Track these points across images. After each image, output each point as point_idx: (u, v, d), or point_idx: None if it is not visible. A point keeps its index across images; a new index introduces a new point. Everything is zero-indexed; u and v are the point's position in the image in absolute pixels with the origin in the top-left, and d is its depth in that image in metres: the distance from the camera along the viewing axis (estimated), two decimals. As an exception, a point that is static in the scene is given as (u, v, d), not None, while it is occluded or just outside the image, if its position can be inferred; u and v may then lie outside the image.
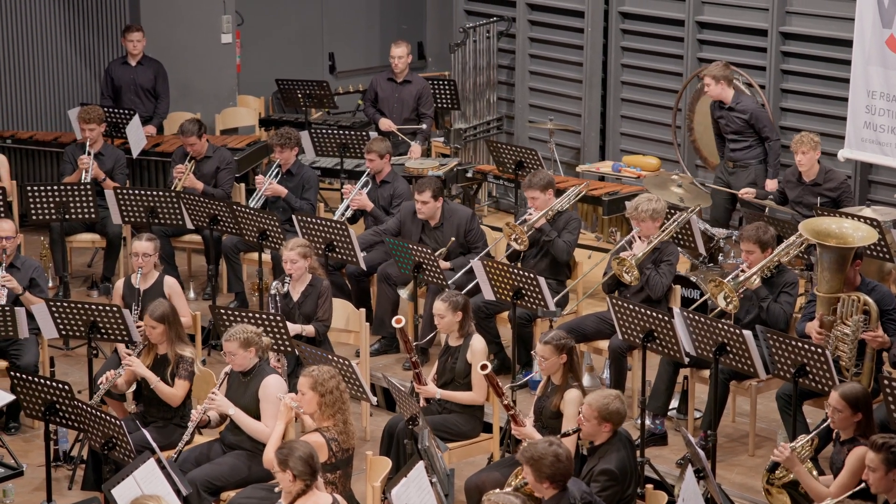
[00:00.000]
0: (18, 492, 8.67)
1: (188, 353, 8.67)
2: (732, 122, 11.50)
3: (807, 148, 10.69)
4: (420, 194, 10.49)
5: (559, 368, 8.12)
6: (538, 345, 8.16)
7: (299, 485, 6.92)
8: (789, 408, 8.45)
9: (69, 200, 11.02)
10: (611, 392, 7.60)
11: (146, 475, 7.29)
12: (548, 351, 8.07)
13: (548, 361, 8.10)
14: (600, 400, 7.49)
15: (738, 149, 11.51)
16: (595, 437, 7.55)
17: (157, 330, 8.61)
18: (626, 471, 7.47)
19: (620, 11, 13.48)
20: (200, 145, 11.68)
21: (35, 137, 13.08)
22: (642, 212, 9.54)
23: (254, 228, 10.55)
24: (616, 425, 7.52)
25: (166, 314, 8.62)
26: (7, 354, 9.64)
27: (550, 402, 8.12)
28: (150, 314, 8.63)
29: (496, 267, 9.50)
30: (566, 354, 8.09)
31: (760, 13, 12.45)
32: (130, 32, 13.15)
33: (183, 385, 8.62)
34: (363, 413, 9.57)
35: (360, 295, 10.81)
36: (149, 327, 8.63)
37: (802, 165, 10.75)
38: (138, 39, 13.12)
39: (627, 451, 7.55)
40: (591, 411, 7.49)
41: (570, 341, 8.13)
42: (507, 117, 14.58)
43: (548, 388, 8.23)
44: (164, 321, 8.60)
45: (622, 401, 7.53)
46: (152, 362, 8.67)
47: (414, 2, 15.95)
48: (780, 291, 9.08)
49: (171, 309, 8.70)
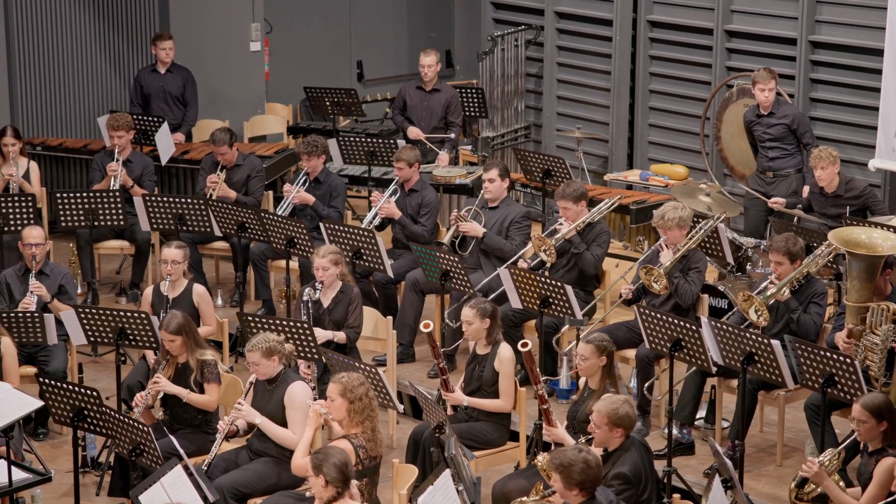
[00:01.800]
0: (46, 497, 8.71)
1: (209, 356, 8.69)
2: (772, 130, 11.42)
3: (825, 163, 10.64)
4: (487, 172, 10.55)
5: (598, 371, 8.10)
6: (580, 344, 8.14)
7: (331, 491, 6.93)
8: (818, 418, 8.41)
9: (98, 207, 11.06)
10: (619, 397, 7.59)
11: (173, 481, 7.31)
12: (589, 350, 8.07)
13: (588, 362, 8.08)
14: (609, 406, 7.47)
15: (776, 157, 11.40)
16: (608, 443, 7.53)
17: (176, 342, 8.63)
18: (640, 474, 7.44)
19: (649, 20, 13.46)
20: (231, 154, 11.71)
21: (65, 144, 13.15)
22: (668, 220, 9.53)
23: (281, 236, 10.57)
24: (627, 430, 7.50)
25: (182, 326, 8.64)
26: (36, 360, 9.68)
27: (586, 407, 8.10)
28: (165, 328, 8.64)
29: (523, 275, 9.50)
30: (606, 357, 8.09)
31: (790, 22, 12.41)
32: (161, 40, 13.20)
33: (214, 388, 8.65)
34: (390, 421, 9.57)
35: (387, 302, 10.82)
36: (167, 341, 8.65)
37: (822, 180, 10.71)
38: (170, 47, 13.18)
39: (642, 455, 7.52)
40: (601, 418, 7.47)
41: (612, 345, 8.13)
42: (535, 126, 14.57)
43: (584, 393, 8.22)
44: (181, 333, 8.62)
45: (631, 405, 7.51)
46: (174, 373, 8.68)
47: (442, 10, 15.97)
48: (809, 302, 9.04)
49: (185, 319, 8.71)
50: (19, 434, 8.76)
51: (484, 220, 10.62)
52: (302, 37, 15.18)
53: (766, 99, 11.43)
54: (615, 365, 8.19)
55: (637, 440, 7.56)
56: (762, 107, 11.45)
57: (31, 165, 11.98)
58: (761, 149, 11.57)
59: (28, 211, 10.96)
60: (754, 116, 11.60)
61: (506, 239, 10.55)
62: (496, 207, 10.67)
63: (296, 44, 15.13)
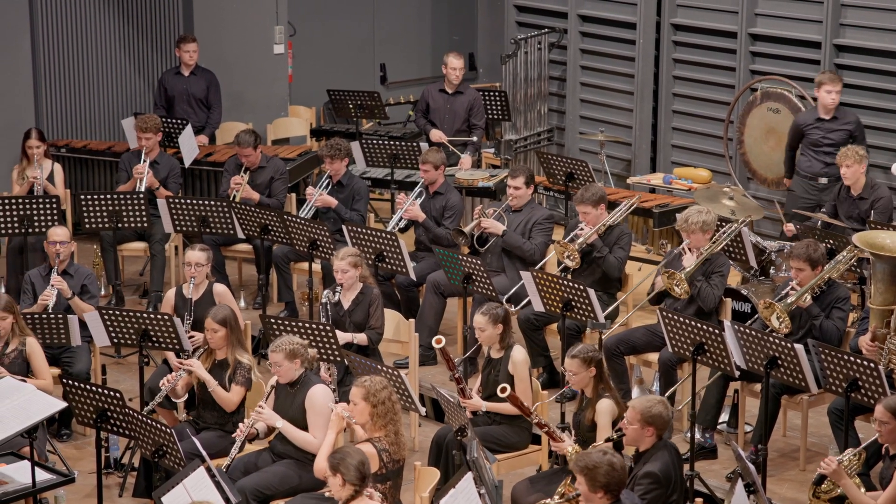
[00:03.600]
0: (70, 498, 8.74)
1: (246, 360, 8.72)
2: (833, 135, 11.23)
3: (851, 161, 10.58)
4: (513, 179, 10.56)
5: (589, 382, 8.11)
6: (566, 360, 8.14)
7: (349, 490, 6.94)
8: (841, 423, 8.38)
9: (122, 209, 11.10)
10: (655, 396, 7.60)
11: (196, 483, 7.33)
12: (575, 365, 8.07)
13: (577, 376, 8.09)
14: (644, 403, 7.49)
15: (833, 162, 11.11)
16: (639, 442, 7.52)
17: (219, 333, 8.67)
18: (669, 476, 7.43)
19: (672, 23, 13.44)
20: (255, 156, 11.73)
21: (89, 147, 13.20)
22: (692, 224, 9.50)
23: (304, 238, 10.59)
24: (659, 430, 7.49)
25: (228, 318, 8.69)
26: (60, 362, 9.72)
27: (584, 417, 8.11)
28: (212, 317, 8.69)
29: (546, 278, 9.49)
30: (595, 367, 8.08)
31: (814, 25, 12.38)
32: (185, 43, 13.24)
33: (239, 391, 8.68)
34: (412, 423, 9.58)
35: (409, 305, 10.83)
36: (210, 331, 8.69)
37: (848, 179, 10.65)
38: (193, 50, 13.22)
39: (672, 458, 7.51)
40: (635, 414, 7.47)
41: (598, 354, 8.13)
42: (558, 129, 14.56)
43: (582, 403, 8.22)
44: (225, 325, 8.66)
45: (666, 406, 7.51)
46: (210, 367, 8.73)
47: (466, 13, 15.98)
48: (831, 307, 9.01)
49: (232, 314, 8.77)
50: (43, 435, 8.79)
51: (507, 222, 10.62)
52: (325, 39, 15.21)
53: (833, 102, 11.22)
54: (605, 371, 8.17)
55: (670, 444, 7.57)
56: (825, 110, 11.23)
57: (55, 167, 12.03)
58: (814, 153, 11.30)
59: (52, 213, 11.01)
60: (813, 119, 11.34)
61: (528, 240, 10.54)
62: (520, 210, 10.67)
63: (319, 46, 15.16)
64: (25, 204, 11.03)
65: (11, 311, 9.05)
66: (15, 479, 8.00)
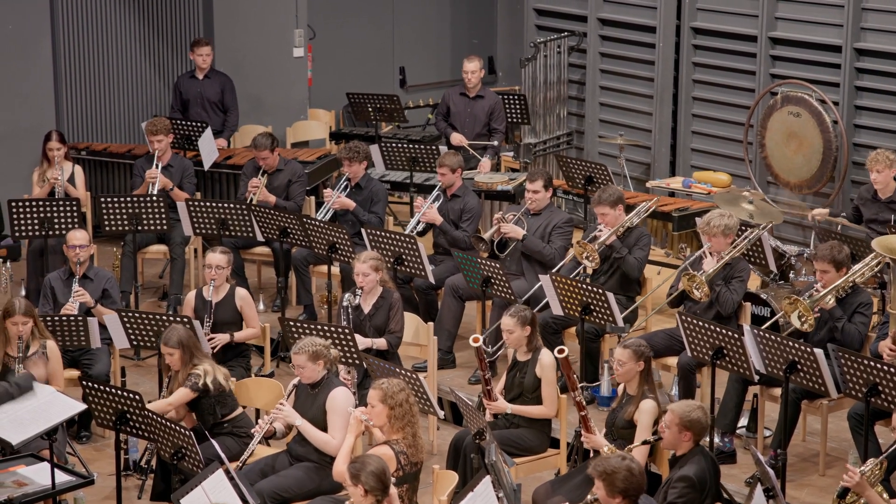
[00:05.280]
0: (89, 500, 8.76)
1: (199, 369, 8.59)
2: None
3: (882, 166, 10.55)
4: (532, 183, 10.55)
5: (635, 376, 8.11)
6: (617, 349, 8.15)
7: (370, 499, 6.94)
8: (861, 428, 8.35)
9: (141, 212, 11.13)
10: (694, 402, 7.67)
11: (214, 486, 7.34)
12: (626, 355, 8.08)
13: (625, 367, 8.09)
14: (683, 407, 7.54)
15: None
16: (676, 446, 7.55)
17: (175, 356, 8.61)
18: (704, 481, 7.44)
19: (692, 27, 13.42)
20: (273, 159, 11.75)
21: (109, 149, 13.24)
22: (714, 227, 9.49)
23: (323, 241, 10.60)
24: (697, 435, 7.52)
25: (182, 339, 8.61)
26: (79, 364, 9.75)
27: (624, 412, 8.10)
28: (164, 342, 8.62)
29: (565, 282, 9.48)
30: (644, 362, 8.10)
31: (834, 29, 12.34)
32: (198, 46, 13.27)
33: (183, 393, 8.57)
34: (430, 427, 9.58)
35: (427, 308, 10.83)
36: (167, 355, 8.64)
37: (878, 183, 10.61)
38: (206, 53, 13.24)
39: (708, 464, 7.54)
40: (674, 417, 7.50)
41: (649, 350, 8.15)
42: (577, 132, 14.55)
43: (623, 400, 8.21)
44: (179, 347, 8.60)
45: (705, 412, 7.55)
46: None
47: (485, 16, 15.98)
48: (854, 312, 8.98)
49: (186, 333, 8.68)
50: (63, 437, 8.81)
51: (526, 227, 10.61)
52: (345, 43, 15.22)
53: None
54: (652, 371, 8.18)
55: (706, 450, 7.58)
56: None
57: (75, 170, 12.06)
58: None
59: (72, 215, 11.04)
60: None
61: (547, 244, 10.54)
62: (539, 214, 10.66)
63: (339, 50, 15.18)
64: (46, 206, 11.07)
65: (31, 316, 9.07)
66: (35, 481, 8.02)
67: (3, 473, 8.10)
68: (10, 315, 9.01)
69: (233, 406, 8.73)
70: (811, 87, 12.25)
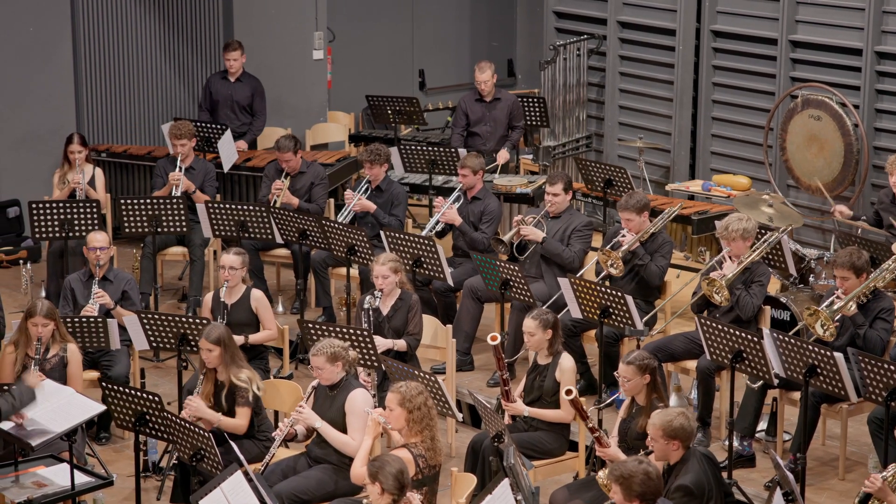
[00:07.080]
0: (108, 501, 8.78)
1: (243, 377, 8.59)
2: None
3: (900, 169, 10.51)
4: (551, 186, 10.55)
5: (642, 389, 8.07)
6: (621, 365, 8.12)
7: (387, 498, 6.95)
8: (881, 432, 8.33)
9: (161, 214, 11.15)
10: (674, 410, 7.53)
11: (233, 487, 7.35)
12: (630, 371, 8.04)
13: (630, 382, 8.06)
14: (663, 418, 7.42)
15: None
16: (667, 456, 7.48)
17: (214, 353, 8.58)
18: (702, 485, 7.37)
19: (712, 30, 13.40)
20: (295, 161, 11.77)
21: (129, 151, 13.28)
22: (733, 231, 9.46)
23: (342, 243, 10.61)
24: (684, 442, 7.43)
25: (222, 337, 8.59)
26: (99, 365, 9.78)
27: (636, 424, 8.06)
28: (206, 337, 8.59)
29: (584, 285, 9.47)
30: (649, 375, 8.04)
31: (855, 32, 12.30)
32: (228, 50, 13.31)
33: (244, 413, 8.60)
34: (448, 429, 9.57)
35: (446, 310, 10.83)
36: (205, 350, 8.60)
37: (896, 187, 10.57)
38: (234, 58, 13.28)
39: (704, 467, 7.45)
40: (656, 430, 7.42)
41: (653, 361, 8.08)
42: (597, 135, 14.54)
43: (632, 409, 8.19)
44: (220, 343, 8.57)
45: (687, 417, 7.43)
46: (213, 389, 8.66)
47: (504, 19, 15.98)
48: (875, 318, 8.94)
49: (226, 332, 8.67)
50: (82, 438, 8.84)
51: (546, 229, 10.61)
52: (364, 45, 15.24)
53: None
54: (659, 380, 8.13)
55: (699, 452, 7.52)
56: None
57: (96, 172, 12.11)
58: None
59: (93, 217, 11.08)
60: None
61: (566, 246, 10.53)
62: (558, 217, 10.66)
63: (358, 52, 15.20)
64: (66, 208, 11.11)
65: (53, 318, 9.10)
66: (54, 482, 8.05)
67: (24, 474, 8.13)
68: (31, 315, 9.05)
69: (261, 411, 8.75)
70: (832, 90, 12.22)
